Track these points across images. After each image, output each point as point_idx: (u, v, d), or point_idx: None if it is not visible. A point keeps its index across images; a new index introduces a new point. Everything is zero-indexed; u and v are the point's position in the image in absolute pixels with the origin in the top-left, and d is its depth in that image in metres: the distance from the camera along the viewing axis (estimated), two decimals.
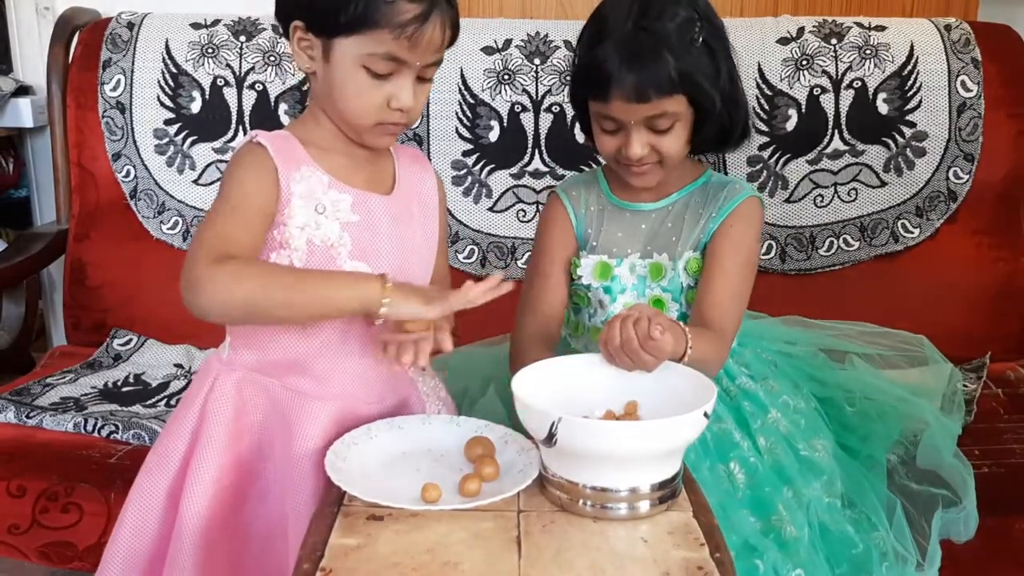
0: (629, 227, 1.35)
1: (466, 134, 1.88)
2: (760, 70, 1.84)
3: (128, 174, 1.91)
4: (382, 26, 1.03)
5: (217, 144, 1.91)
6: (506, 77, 1.87)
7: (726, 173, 1.83)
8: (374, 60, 1.05)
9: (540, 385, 1.06)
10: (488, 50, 1.88)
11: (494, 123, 1.87)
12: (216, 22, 1.93)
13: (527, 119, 1.87)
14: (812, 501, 1.23)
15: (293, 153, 1.10)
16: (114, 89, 1.91)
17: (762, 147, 1.84)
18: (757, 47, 1.84)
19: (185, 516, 1.09)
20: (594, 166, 1.84)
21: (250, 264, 1.05)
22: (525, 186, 1.88)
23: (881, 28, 1.87)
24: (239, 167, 1.09)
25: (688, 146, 1.29)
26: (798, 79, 1.84)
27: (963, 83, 1.83)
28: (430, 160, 1.86)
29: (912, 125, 1.84)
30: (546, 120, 1.87)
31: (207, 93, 1.91)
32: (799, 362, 1.43)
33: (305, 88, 1.87)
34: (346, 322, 1.11)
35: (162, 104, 1.91)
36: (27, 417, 1.56)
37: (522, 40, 1.88)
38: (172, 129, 1.91)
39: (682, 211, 1.34)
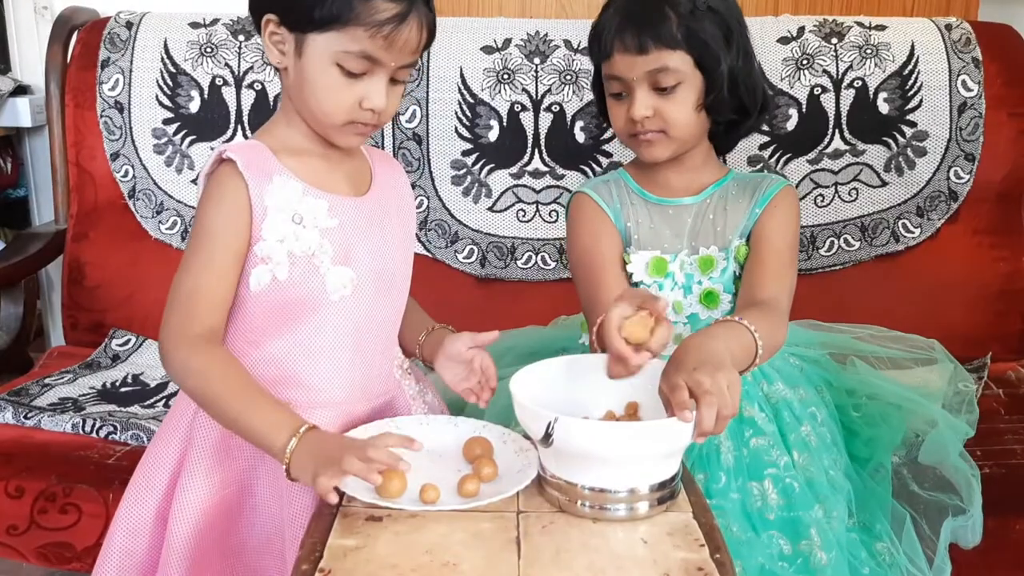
0: (674, 223, 1.35)
1: (465, 133, 1.88)
2: (760, 69, 1.83)
3: (126, 174, 1.91)
4: (358, 23, 1.01)
5: (216, 144, 1.90)
6: (506, 76, 1.86)
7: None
8: (348, 58, 1.03)
9: (541, 386, 1.05)
10: (488, 49, 1.88)
11: (494, 122, 1.87)
12: (215, 21, 1.93)
13: (527, 119, 1.87)
14: (841, 523, 1.22)
15: (264, 164, 1.08)
16: (112, 88, 1.90)
17: (762, 147, 1.84)
18: (757, 46, 1.79)
19: (173, 537, 1.08)
20: (594, 166, 1.85)
21: (204, 361, 1.05)
22: (525, 186, 1.87)
23: (881, 27, 1.86)
24: (210, 200, 1.08)
25: (700, 116, 1.29)
26: (799, 78, 1.84)
27: (964, 83, 1.83)
28: (429, 160, 1.87)
29: (913, 125, 1.84)
30: (546, 120, 1.87)
31: (206, 92, 1.90)
32: (817, 367, 1.42)
33: None
34: (336, 335, 1.10)
35: (160, 104, 1.90)
36: (25, 418, 1.56)
37: (522, 39, 1.88)
38: (171, 129, 1.91)
39: (721, 202, 1.35)
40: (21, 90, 2.27)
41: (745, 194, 1.35)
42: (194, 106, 1.90)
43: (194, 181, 1.90)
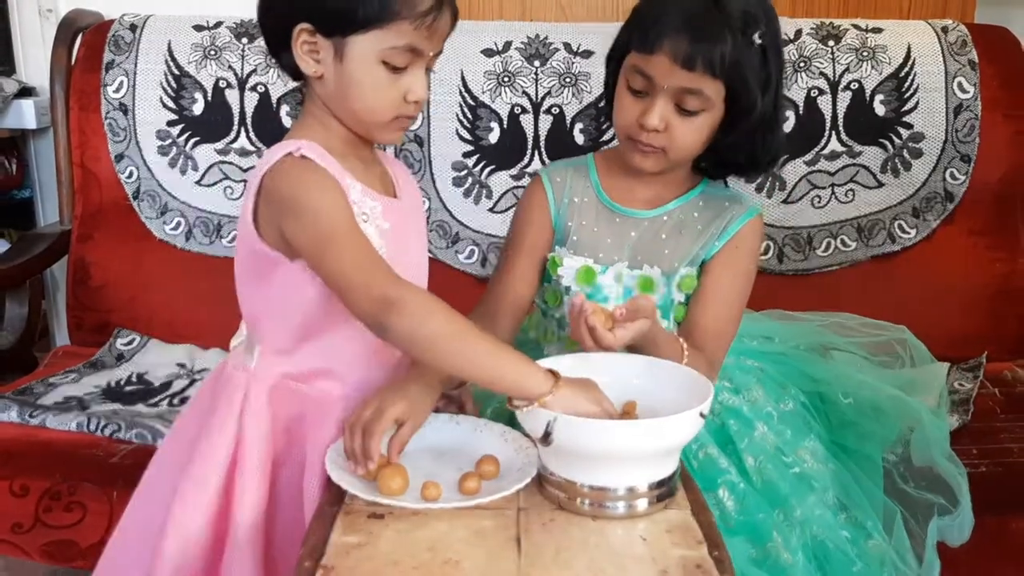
0: (618, 233, 1.30)
1: (466, 135, 1.89)
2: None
3: (131, 175, 1.92)
4: (402, 17, 1.02)
5: (219, 145, 1.91)
6: (506, 79, 1.88)
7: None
8: (394, 54, 1.04)
9: None
10: (488, 52, 1.89)
11: (494, 125, 1.88)
12: (219, 24, 1.94)
13: (527, 121, 1.88)
14: (807, 520, 1.21)
15: (330, 162, 1.07)
16: (117, 90, 1.91)
17: None
18: None
19: (239, 533, 1.07)
20: None
21: (436, 298, 1.03)
22: (525, 187, 1.88)
23: (878, 30, 1.87)
24: (317, 187, 1.04)
25: (702, 148, 1.24)
26: (795, 81, 1.85)
27: (960, 84, 1.84)
28: (430, 162, 1.88)
29: (909, 126, 1.84)
30: (546, 122, 1.88)
31: (209, 95, 1.91)
32: (786, 359, 1.40)
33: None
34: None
35: (165, 106, 1.91)
36: (30, 416, 1.57)
37: (522, 42, 1.89)
38: (175, 130, 1.92)
39: (679, 224, 1.30)
40: (26, 92, 2.27)
41: (707, 218, 1.29)
42: (198, 108, 1.91)
43: (198, 183, 1.92)
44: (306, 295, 1.08)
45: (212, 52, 1.91)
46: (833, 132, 1.85)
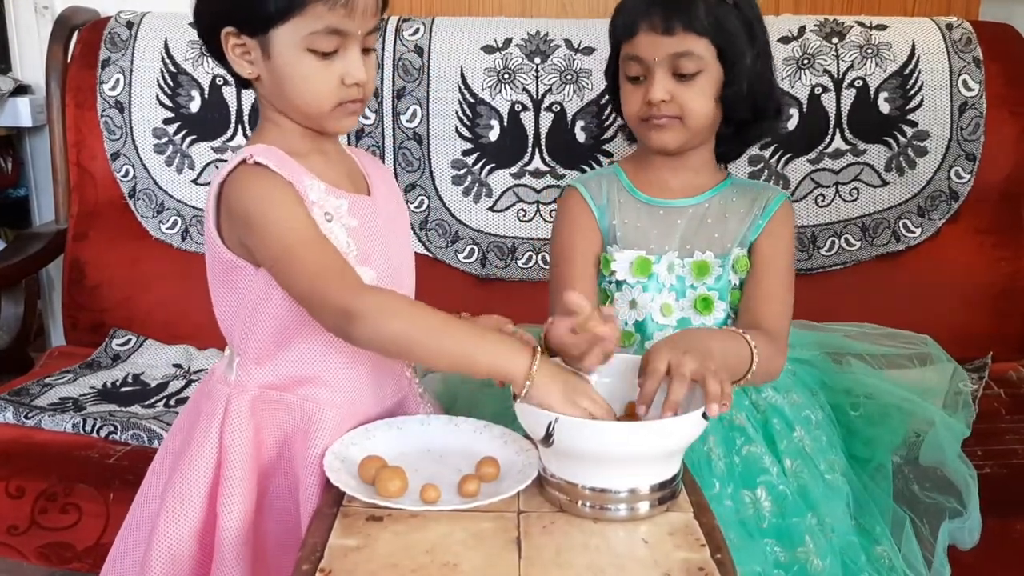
0: (664, 224, 1.34)
1: (466, 133, 1.88)
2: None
3: (127, 173, 1.91)
4: (316, 0, 1.02)
5: (216, 144, 1.90)
6: (506, 76, 1.86)
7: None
8: (316, 39, 1.03)
9: None
10: (488, 49, 1.87)
11: (494, 122, 1.87)
12: None
13: (527, 118, 1.87)
14: (836, 527, 1.22)
15: (289, 164, 1.06)
16: (113, 88, 1.90)
17: (763, 146, 1.83)
18: None
19: (225, 549, 1.06)
20: (595, 166, 1.85)
21: (397, 298, 1.02)
22: (525, 185, 1.87)
23: (882, 27, 1.86)
24: (262, 190, 1.03)
25: (716, 110, 1.29)
26: (799, 78, 1.84)
27: (965, 82, 1.83)
28: (429, 160, 1.87)
29: (914, 124, 1.83)
30: (546, 119, 1.87)
31: (206, 92, 1.90)
32: (811, 367, 1.41)
33: None
34: None
35: (161, 103, 1.91)
36: (26, 417, 1.56)
37: (522, 39, 1.88)
38: (171, 128, 1.91)
39: (722, 208, 1.34)
40: (22, 90, 2.27)
41: (746, 202, 1.35)
42: (194, 106, 1.90)
43: (194, 181, 1.90)
44: (275, 302, 1.07)
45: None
46: (837, 130, 1.84)
